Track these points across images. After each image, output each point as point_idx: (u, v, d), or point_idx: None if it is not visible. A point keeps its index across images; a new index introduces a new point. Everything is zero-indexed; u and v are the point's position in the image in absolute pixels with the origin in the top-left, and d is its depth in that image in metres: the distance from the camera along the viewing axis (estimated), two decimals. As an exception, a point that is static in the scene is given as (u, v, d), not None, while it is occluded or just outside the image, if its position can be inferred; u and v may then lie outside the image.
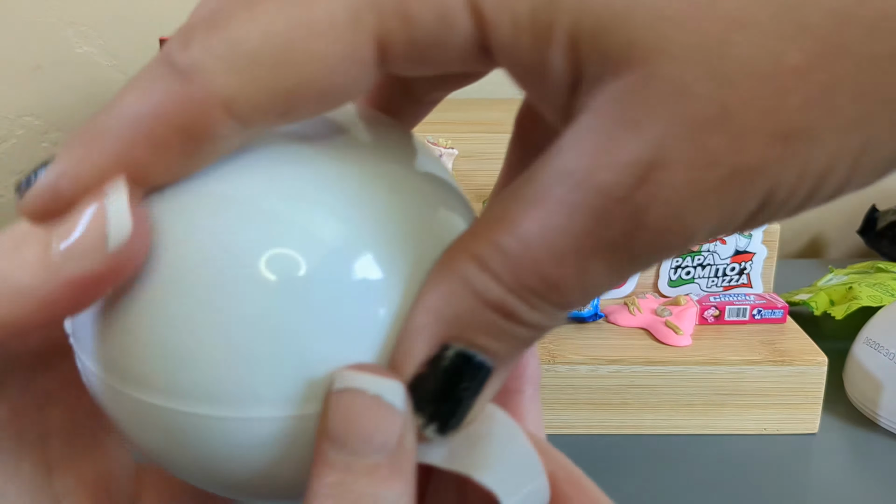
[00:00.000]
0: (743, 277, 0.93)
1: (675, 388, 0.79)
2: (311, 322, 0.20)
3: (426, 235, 0.22)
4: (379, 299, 0.21)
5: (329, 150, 0.22)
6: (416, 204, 0.22)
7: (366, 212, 0.21)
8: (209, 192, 0.20)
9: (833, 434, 0.80)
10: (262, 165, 0.21)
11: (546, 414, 0.80)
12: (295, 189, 0.21)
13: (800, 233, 1.36)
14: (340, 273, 0.20)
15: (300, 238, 0.20)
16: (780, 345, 0.82)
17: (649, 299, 0.90)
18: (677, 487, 0.72)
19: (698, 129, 0.17)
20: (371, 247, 0.21)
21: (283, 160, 0.21)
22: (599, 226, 0.18)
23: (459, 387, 0.20)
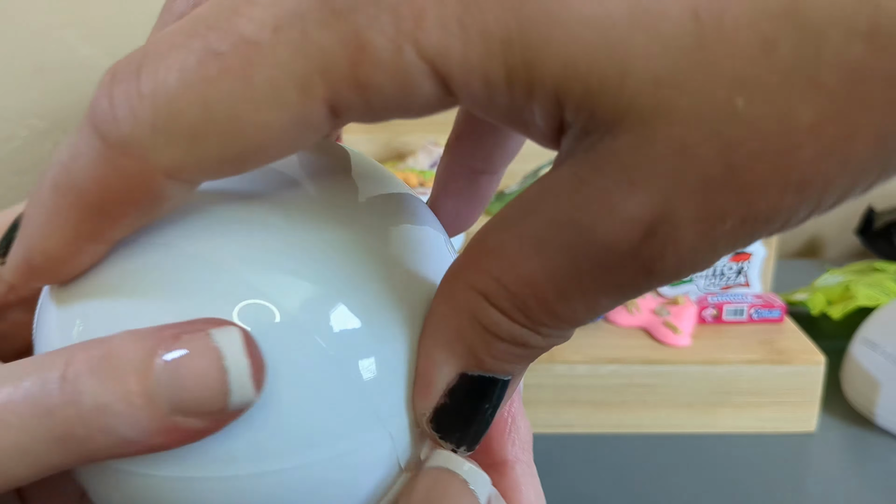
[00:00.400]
0: (741, 277, 0.93)
1: (674, 387, 0.79)
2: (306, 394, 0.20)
3: (402, 273, 0.22)
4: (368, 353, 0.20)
5: (284, 203, 0.21)
6: (381, 245, 0.22)
7: (337, 270, 0.20)
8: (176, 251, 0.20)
9: (831, 433, 0.80)
10: (221, 224, 0.21)
11: (546, 414, 0.80)
12: (263, 255, 0.20)
13: (797, 233, 1.36)
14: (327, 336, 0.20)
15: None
16: (778, 344, 0.82)
17: (648, 299, 0.90)
18: (677, 487, 0.72)
19: (704, 188, 0.17)
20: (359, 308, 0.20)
21: (238, 219, 0.21)
22: (604, 275, 0.18)
23: (482, 408, 0.21)
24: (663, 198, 0.17)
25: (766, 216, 0.17)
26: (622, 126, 0.17)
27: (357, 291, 0.21)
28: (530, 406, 0.80)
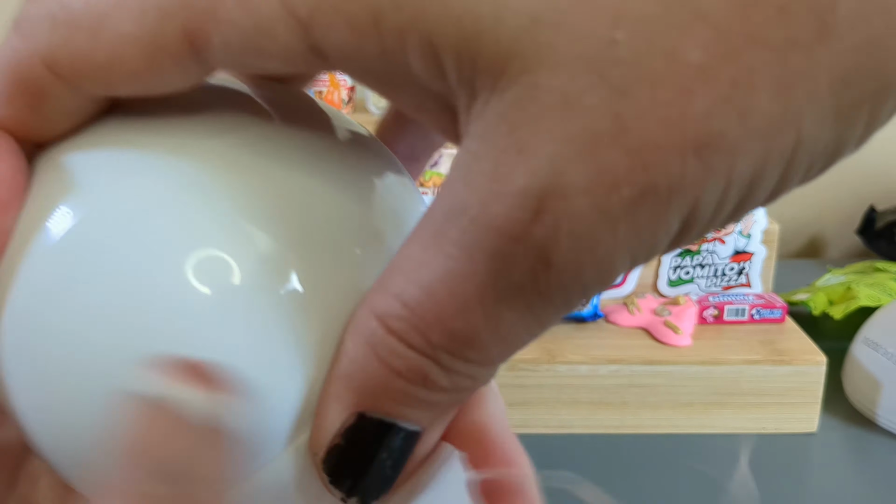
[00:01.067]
0: (742, 277, 0.93)
1: (675, 387, 0.79)
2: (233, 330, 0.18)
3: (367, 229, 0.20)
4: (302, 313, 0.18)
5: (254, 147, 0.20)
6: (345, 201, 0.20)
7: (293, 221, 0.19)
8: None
9: (832, 434, 0.80)
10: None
11: (546, 414, 0.80)
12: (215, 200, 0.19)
13: (799, 233, 1.36)
14: (265, 282, 0.18)
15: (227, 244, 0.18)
16: (779, 345, 0.82)
17: (649, 299, 0.90)
18: (677, 487, 0.72)
19: (592, 147, 0.14)
20: (297, 258, 0.19)
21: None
22: (501, 268, 0.15)
23: (379, 458, 0.18)
24: (550, 163, 0.14)
25: (667, 188, 0.14)
26: (506, 78, 0.14)
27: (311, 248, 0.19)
28: (530, 406, 0.79)
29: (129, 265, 0.18)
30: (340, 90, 0.98)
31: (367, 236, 0.20)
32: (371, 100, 1.04)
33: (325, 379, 0.18)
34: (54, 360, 0.19)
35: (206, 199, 0.18)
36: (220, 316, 0.18)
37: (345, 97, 1.05)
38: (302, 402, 0.18)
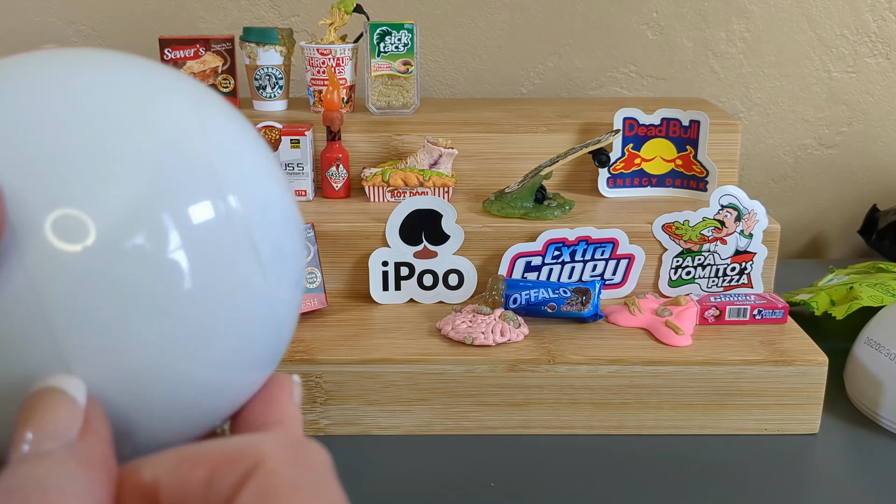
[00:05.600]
0: (743, 277, 0.93)
1: (676, 388, 0.79)
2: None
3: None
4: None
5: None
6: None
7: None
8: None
9: (834, 434, 0.80)
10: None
11: (546, 414, 0.79)
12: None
13: (800, 233, 1.36)
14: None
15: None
16: (780, 345, 0.81)
17: (649, 299, 0.89)
18: (678, 489, 0.72)
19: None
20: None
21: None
22: None
23: None
24: None
25: None
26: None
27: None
28: (531, 406, 0.79)
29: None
30: (340, 90, 0.98)
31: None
32: (371, 100, 1.04)
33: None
34: None
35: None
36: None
37: (344, 97, 1.05)
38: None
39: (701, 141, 1.00)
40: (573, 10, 1.25)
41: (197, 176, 0.24)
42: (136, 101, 0.25)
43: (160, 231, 0.23)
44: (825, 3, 1.24)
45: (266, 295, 0.26)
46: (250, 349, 0.26)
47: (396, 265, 0.90)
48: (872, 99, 1.28)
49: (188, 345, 0.24)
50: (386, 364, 0.78)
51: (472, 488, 0.71)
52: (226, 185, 0.25)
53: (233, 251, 0.25)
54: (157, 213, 0.23)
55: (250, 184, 0.26)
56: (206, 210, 0.24)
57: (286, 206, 0.27)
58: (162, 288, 0.23)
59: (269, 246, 0.26)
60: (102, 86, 0.25)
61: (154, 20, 1.23)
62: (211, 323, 0.25)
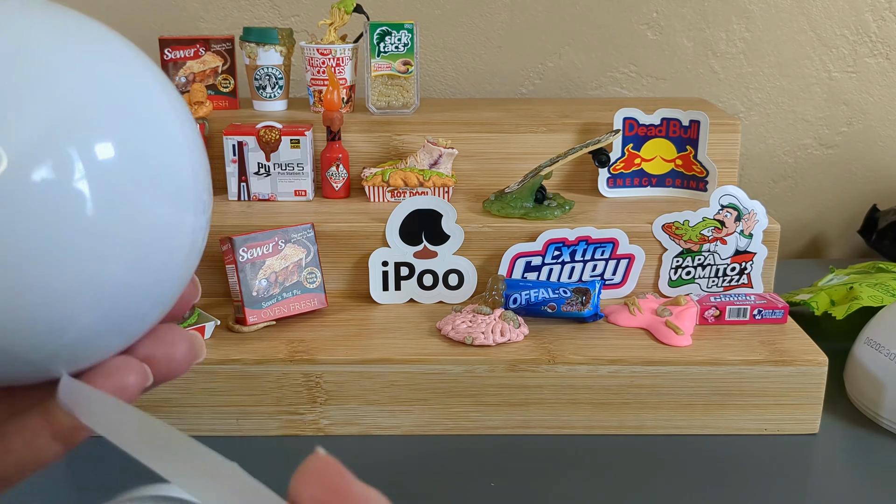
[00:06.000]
0: (743, 277, 0.93)
1: (676, 388, 0.79)
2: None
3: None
4: None
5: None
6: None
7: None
8: None
9: (834, 434, 0.80)
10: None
11: (546, 414, 0.79)
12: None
13: (800, 233, 1.36)
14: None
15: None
16: (780, 345, 0.81)
17: (649, 299, 0.89)
18: (677, 487, 0.72)
19: None
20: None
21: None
22: None
23: None
24: None
25: None
26: None
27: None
28: (531, 406, 0.79)
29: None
30: (340, 90, 0.98)
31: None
32: (371, 100, 1.04)
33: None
34: None
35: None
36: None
37: (344, 97, 1.05)
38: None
39: (701, 141, 1.00)
40: (573, 10, 1.25)
41: (96, 111, 0.26)
42: (38, 37, 0.27)
43: (65, 162, 0.25)
44: (825, 3, 1.24)
45: (163, 220, 0.28)
46: (149, 272, 0.28)
47: (396, 265, 0.90)
48: (872, 99, 1.28)
49: (88, 265, 0.26)
50: (386, 364, 0.78)
51: (472, 488, 0.71)
52: (127, 124, 0.27)
53: (132, 181, 0.27)
54: (63, 145, 0.25)
55: (152, 125, 0.28)
56: (107, 145, 0.26)
57: (189, 152, 0.29)
58: (64, 215, 0.25)
59: (166, 175, 0.28)
60: (12, 28, 0.27)
61: (154, 20, 1.23)
62: (110, 247, 0.26)
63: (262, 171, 0.97)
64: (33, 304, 0.26)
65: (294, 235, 0.86)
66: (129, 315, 0.28)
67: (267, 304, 0.83)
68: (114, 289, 0.27)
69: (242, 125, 0.99)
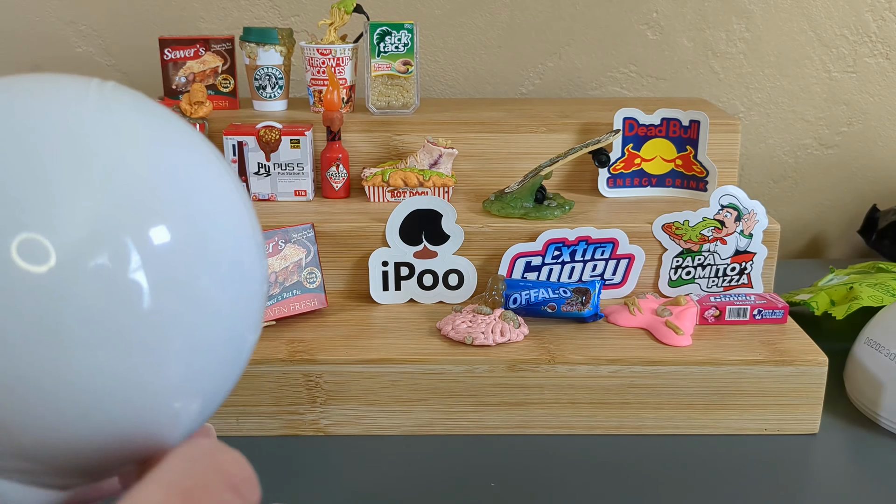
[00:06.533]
0: (743, 277, 0.93)
1: (676, 388, 0.79)
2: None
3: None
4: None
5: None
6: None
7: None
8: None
9: (834, 434, 0.80)
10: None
11: (546, 414, 0.79)
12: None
13: (800, 233, 1.36)
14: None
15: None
16: (780, 345, 0.81)
17: (649, 299, 0.89)
18: (677, 487, 0.72)
19: None
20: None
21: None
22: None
23: None
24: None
25: None
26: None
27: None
28: (531, 406, 0.79)
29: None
30: (340, 90, 0.98)
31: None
32: (371, 100, 1.04)
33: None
34: None
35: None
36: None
37: (344, 97, 1.05)
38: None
39: (701, 141, 1.00)
40: (573, 10, 1.25)
41: (154, 197, 0.25)
42: (92, 124, 0.25)
43: (120, 252, 0.24)
44: (825, 3, 1.24)
45: (222, 314, 0.26)
46: (206, 369, 0.27)
47: (396, 265, 0.90)
48: (872, 99, 1.28)
49: (144, 364, 0.25)
50: (386, 364, 0.78)
51: (472, 488, 0.71)
52: (182, 206, 0.25)
53: (189, 270, 0.25)
54: (117, 234, 0.24)
55: (207, 203, 0.26)
56: (164, 231, 0.25)
57: (245, 229, 0.28)
58: (121, 307, 0.24)
59: (226, 265, 0.26)
60: (57, 111, 0.25)
61: (154, 20, 1.23)
62: (168, 341, 0.25)
63: (262, 171, 0.97)
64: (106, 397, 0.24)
65: (294, 235, 0.86)
66: (185, 413, 0.27)
67: (267, 304, 0.83)
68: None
69: (242, 125, 0.99)
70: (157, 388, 0.25)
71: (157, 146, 0.26)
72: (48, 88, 0.26)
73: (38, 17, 1.24)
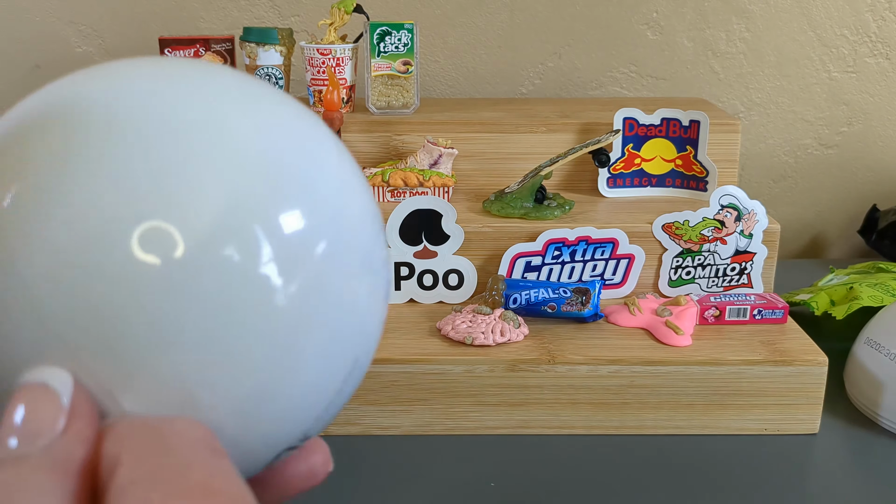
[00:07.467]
0: (743, 277, 0.93)
1: (676, 388, 0.79)
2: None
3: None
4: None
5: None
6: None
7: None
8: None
9: (834, 434, 0.80)
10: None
11: (546, 414, 0.79)
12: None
13: (800, 233, 1.36)
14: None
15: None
16: (780, 345, 0.81)
17: (649, 299, 0.89)
18: (677, 487, 0.72)
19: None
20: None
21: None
22: None
23: None
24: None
25: None
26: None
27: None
28: (531, 406, 0.79)
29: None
30: (340, 90, 0.98)
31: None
32: (371, 100, 1.04)
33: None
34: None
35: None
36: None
37: (344, 97, 1.05)
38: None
39: (701, 141, 1.00)
40: (573, 10, 1.25)
41: (287, 185, 0.23)
42: (222, 110, 0.24)
43: (250, 243, 0.22)
44: (825, 3, 1.24)
45: (356, 309, 0.25)
46: (336, 366, 0.25)
47: (396, 265, 0.90)
48: (872, 99, 1.28)
49: (278, 363, 0.23)
50: (386, 364, 0.78)
51: (472, 488, 0.71)
52: (314, 194, 0.24)
53: (323, 264, 0.23)
54: (247, 224, 0.22)
55: (338, 192, 0.25)
56: (297, 220, 0.23)
57: (373, 216, 0.26)
58: (252, 302, 0.22)
59: (359, 256, 0.25)
60: (184, 96, 0.24)
61: (154, 20, 1.23)
62: (301, 340, 0.23)
63: (262, 171, 0.97)
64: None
65: (294, 235, 0.86)
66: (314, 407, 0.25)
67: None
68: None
69: (242, 125, 0.99)
70: (290, 393, 0.24)
71: (285, 129, 0.25)
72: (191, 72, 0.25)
73: (38, 17, 1.24)
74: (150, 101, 0.24)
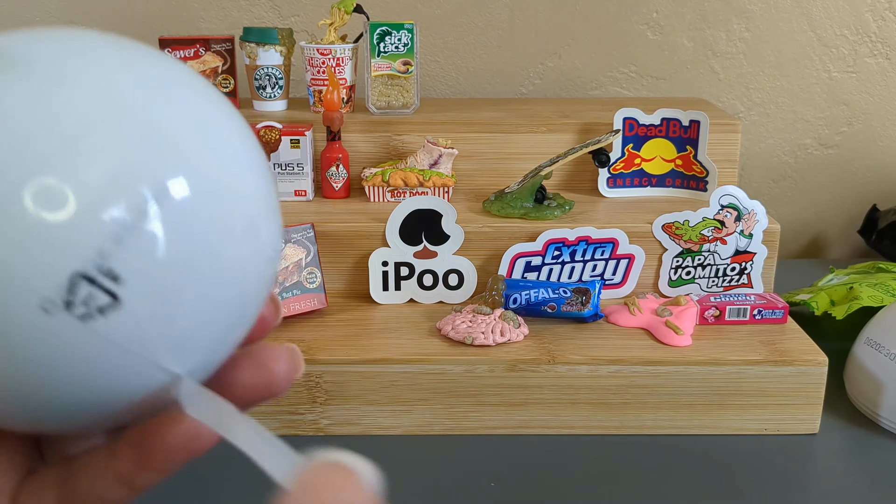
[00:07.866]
0: (743, 277, 0.93)
1: (676, 388, 0.79)
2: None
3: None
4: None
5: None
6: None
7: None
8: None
9: (834, 434, 0.80)
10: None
11: (546, 414, 0.79)
12: None
13: (800, 233, 1.36)
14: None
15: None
16: (780, 345, 0.81)
17: (649, 299, 0.89)
18: (677, 487, 0.72)
19: None
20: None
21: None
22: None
23: None
24: None
25: None
26: None
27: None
28: (531, 406, 0.79)
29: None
30: (340, 90, 0.98)
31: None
32: (371, 100, 1.04)
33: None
34: None
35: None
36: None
37: (344, 97, 1.05)
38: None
39: (701, 141, 1.00)
40: (573, 10, 1.25)
41: (171, 152, 0.25)
42: (119, 79, 0.26)
43: (139, 203, 0.24)
44: (825, 3, 1.24)
45: (237, 268, 0.27)
46: (218, 315, 0.27)
47: (396, 265, 0.90)
48: (872, 99, 1.28)
49: (160, 311, 0.25)
50: (386, 364, 0.78)
51: (472, 488, 0.71)
52: (203, 160, 0.26)
53: (207, 226, 0.26)
54: (136, 186, 0.24)
55: (229, 160, 0.27)
56: (182, 186, 0.25)
57: (262, 192, 0.28)
58: (137, 252, 0.24)
59: (241, 224, 0.27)
60: (89, 62, 0.26)
61: (154, 20, 1.23)
62: (182, 290, 0.25)
63: (262, 171, 0.97)
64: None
65: (294, 235, 0.86)
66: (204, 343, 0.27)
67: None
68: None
69: (242, 125, 0.99)
70: (164, 339, 0.25)
71: (178, 97, 0.27)
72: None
73: (38, 17, 1.24)
74: (57, 55, 0.25)
